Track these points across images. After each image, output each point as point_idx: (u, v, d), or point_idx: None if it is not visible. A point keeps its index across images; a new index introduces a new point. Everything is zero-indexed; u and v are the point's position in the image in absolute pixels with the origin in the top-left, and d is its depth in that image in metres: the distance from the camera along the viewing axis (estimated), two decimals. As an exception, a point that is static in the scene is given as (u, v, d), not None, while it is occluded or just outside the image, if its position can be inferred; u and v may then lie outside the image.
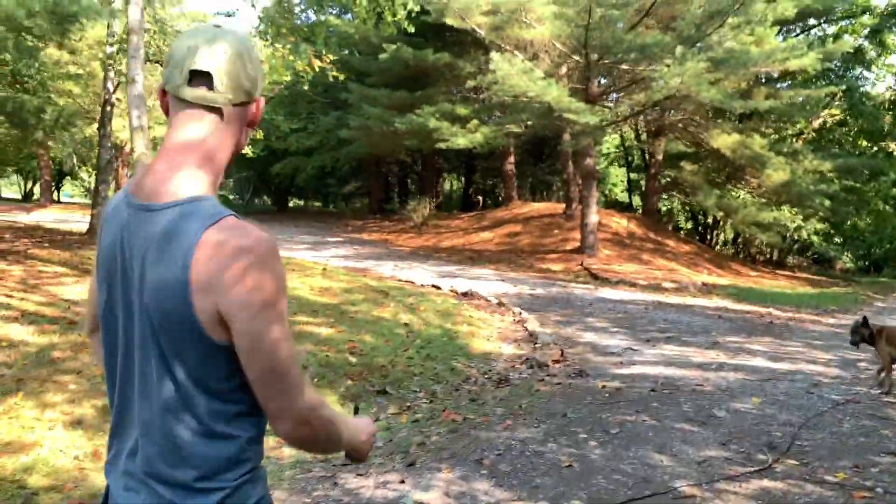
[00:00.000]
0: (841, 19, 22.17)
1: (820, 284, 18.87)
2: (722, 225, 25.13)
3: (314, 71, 10.46)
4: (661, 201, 27.00)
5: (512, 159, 24.12)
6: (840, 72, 22.40)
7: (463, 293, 11.24)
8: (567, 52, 15.62)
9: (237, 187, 43.33)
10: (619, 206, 30.06)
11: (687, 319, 9.67)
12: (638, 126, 23.28)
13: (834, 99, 22.99)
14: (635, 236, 19.37)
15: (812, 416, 4.67)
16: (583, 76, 15.82)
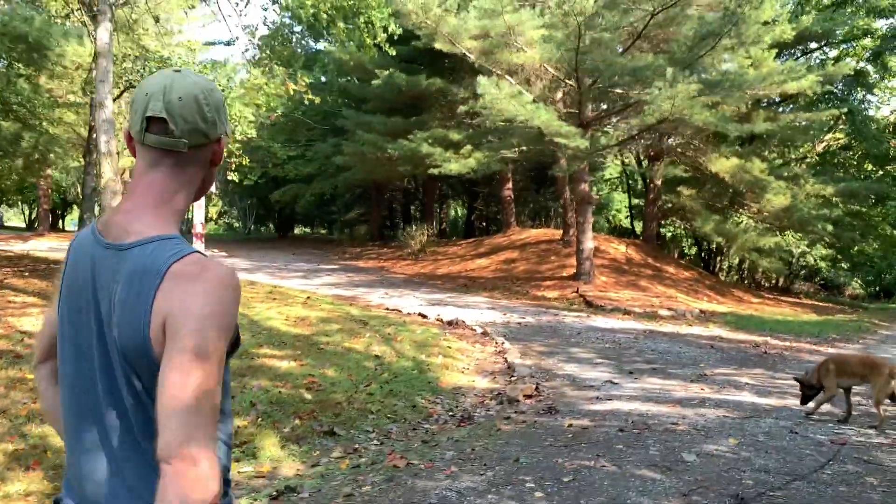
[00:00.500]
0: (842, 42, 21.91)
1: (825, 311, 18.36)
2: (726, 251, 24.70)
3: (289, 94, 10.21)
4: (666, 227, 26.64)
5: (510, 185, 23.84)
6: (842, 95, 22.08)
7: (448, 322, 10.88)
8: (560, 77, 15.39)
9: (240, 215, 43.30)
10: (623, 233, 29.69)
11: (677, 349, 9.26)
12: (639, 151, 23.01)
13: (837, 123, 22.67)
14: (634, 262, 18.96)
15: (791, 461, 4.26)
16: (576, 100, 15.57)
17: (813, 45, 22.20)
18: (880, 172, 23.99)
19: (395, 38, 11.12)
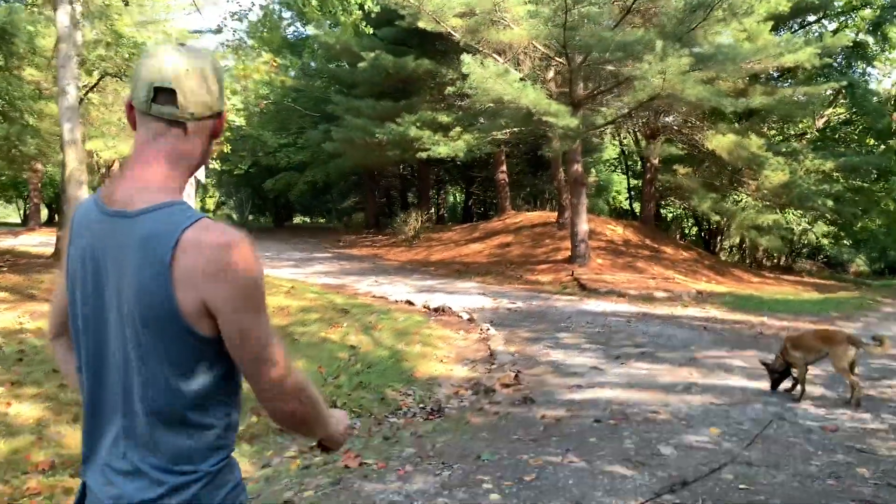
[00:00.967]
0: (840, 14, 21.37)
1: (827, 289, 17.94)
2: (726, 231, 24.28)
3: (268, 78, 9.85)
4: (666, 208, 26.17)
5: (504, 168, 23.43)
6: (841, 68, 21.55)
7: (434, 309, 10.57)
8: (549, 55, 14.96)
9: (236, 205, 42.97)
10: (623, 215, 29.26)
11: (669, 332, 8.92)
12: (636, 131, 22.55)
13: (837, 97, 22.15)
14: (631, 244, 18.58)
15: (776, 452, 3.94)
16: (567, 79, 15.13)
17: (811, 18, 21.67)
18: (882, 147, 23.48)
19: (377, 19, 10.74)
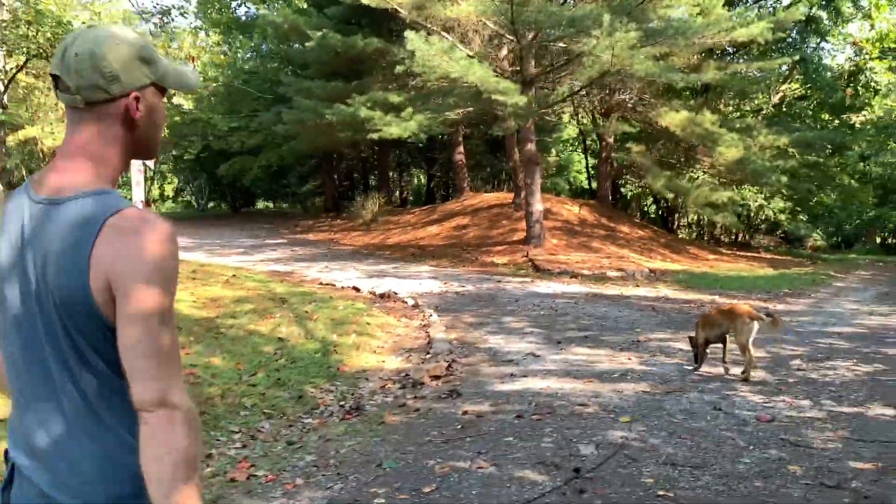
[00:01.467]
0: (794, -13, 21.25)
1: (782, 265, 17.97)
2: (682, 208, 24.26)
3: (195, 57, 9.32)
4: (625, 186, 26.03)
5: (461, 149, 23.05)
6: (796, 43, 21.52)
7: (380, 295, 10.21)
8: (500, 32, 14.56)
9: (195, 191, 41.95)
10: (583, 193, 29.10)
11: (616, 313, 8.68)
12: (593, 109, 22.29)
13: (792, 73, 22.14)
14: (587, 223, 18.39)
15: (706, 448, 3.67)
16: (518, 56, 14.77)
17: (765, -7, 21.58)
18: (836, 122, 23.58)
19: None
